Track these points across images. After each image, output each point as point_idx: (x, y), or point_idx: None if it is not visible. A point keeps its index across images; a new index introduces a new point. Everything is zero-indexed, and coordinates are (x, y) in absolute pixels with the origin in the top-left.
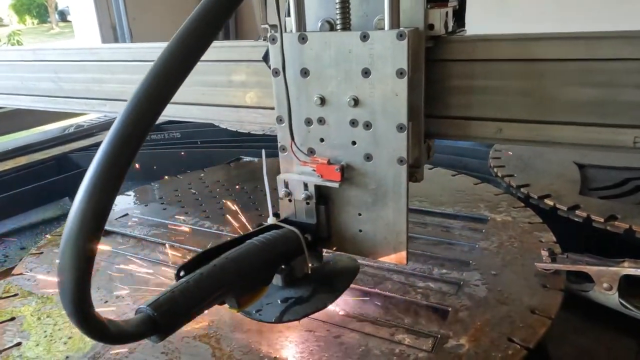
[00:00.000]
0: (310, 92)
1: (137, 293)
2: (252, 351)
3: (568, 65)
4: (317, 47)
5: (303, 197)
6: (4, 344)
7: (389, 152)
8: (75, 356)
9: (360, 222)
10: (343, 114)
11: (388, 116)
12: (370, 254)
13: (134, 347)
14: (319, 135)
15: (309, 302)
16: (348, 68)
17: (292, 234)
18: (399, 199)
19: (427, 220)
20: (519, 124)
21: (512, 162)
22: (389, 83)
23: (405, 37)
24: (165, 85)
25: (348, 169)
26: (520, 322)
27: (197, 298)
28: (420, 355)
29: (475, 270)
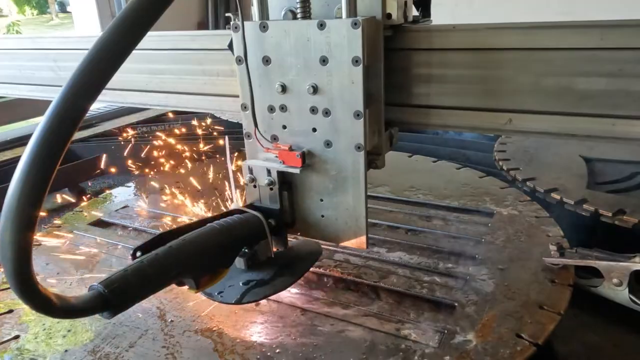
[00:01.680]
0: (272, 79)
1: None
2: (254, 346)
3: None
4: (277, 35)
5: (266, 183)
6: (2, 337)
7: (347, 138)
8: (74, 350)
9: (322, 208)
10: (303, 102)
11: (345, 103)
12: (333, 239)
13: (134, 342)
14: (281, 122)
15: (269, 285)
16: (307, 56)
17: (255, 218)
18: (357, 185)
19: (432, 214)
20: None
21: (518, 155)
22: (346, 71)
23: (359, 25)
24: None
25: (309, 156)
26: (528, 318)
27: (151, 278)
28: (426, 351)
29: (481, 264)
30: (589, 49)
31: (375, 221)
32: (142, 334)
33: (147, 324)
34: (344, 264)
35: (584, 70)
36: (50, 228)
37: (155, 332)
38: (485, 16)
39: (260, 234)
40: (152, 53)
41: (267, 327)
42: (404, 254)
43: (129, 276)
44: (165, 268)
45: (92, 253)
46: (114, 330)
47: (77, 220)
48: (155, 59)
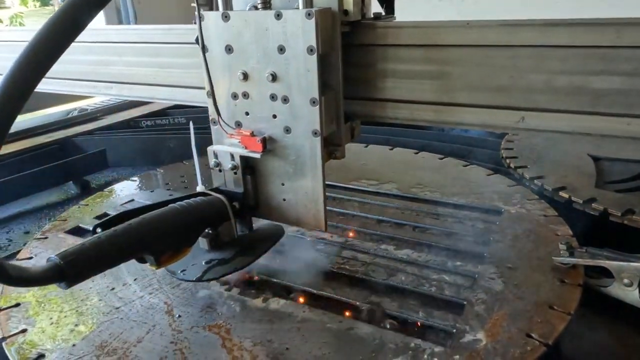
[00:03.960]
0: (234, 67)
1: (145, 280)
2: (263, 342)
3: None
4: (238, 24)
5: (230, 167)
6: (9, 330)
7: (304, 124)
8: (82, 344)
9: (284, 192)
10: (264, 89)
11: (302, 91)
12: (294, 221)
13: (142, 337)
14: (244, 109)
15: (229, 264)
16: (266, 45)
17: (218, 201)
18: (315, 169)
19: (440, 211)
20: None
21: (525, 154)
22: (301, 59)
23: (312, 15)
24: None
25: (270, 141)
26: (538, 318)
27: (108, 252)
28: (436, 350)
29: (490, 263)
30: (604, 47)
31: (383, 218)
32: (149, 329)
33: (155, 320)
34: (351, 261)
35: (599, 69)
36: (56, 222)
37: (163, 328)
38: (491, 12)
39: (223, 216)
40: (159, 47)
41: (275, 325)
42: (412, 252)
43: (86, 250)
44: (122, 244)
45: None
46: (121, 325)
47: (82, 214)
48: (162, 52)
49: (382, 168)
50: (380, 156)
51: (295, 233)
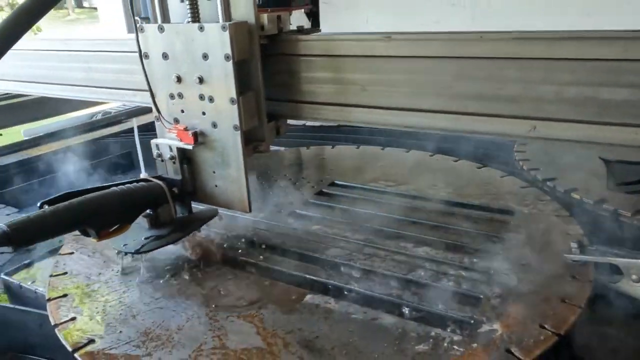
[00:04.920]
0: (170, 72)
1: (181, 274)
2: (293, 331)
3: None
4: (171, 35)
5: (169, 157)
6: (60, 318)
7: (227, 121)
8: (127, 330)
9: (215, 179)
10: (194, 90)
11: (223, 91)
12: (225, 205)
13: (182, 325)
14: (180, 107)
15: (163, 239)
16: (193, 53)
17: (157, 186)
18: (238, 159)
19: (455, 211)
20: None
21: (538, 156)
22: (221, 65)
23: (227, 29)
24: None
25: (201, 135)
26: (550, 310)
27: (51, 224)
28: (455, 339)
29: (504, 260)
30: (612, 59)
31: (401, 217)
32: (188, 319)
33: (193, 310)
34: (373, 257)
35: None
36: None
37: (201, 317)
38: (504, 16)
39: (163, 199)
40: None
41: (304, 315)
42: (430, 249)
43: (31, 221)
44: (64, 218)
45: None
46: (162, 314)
47: None
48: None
49: (399, 170)
50: (397, 158)
51: (317, 230)
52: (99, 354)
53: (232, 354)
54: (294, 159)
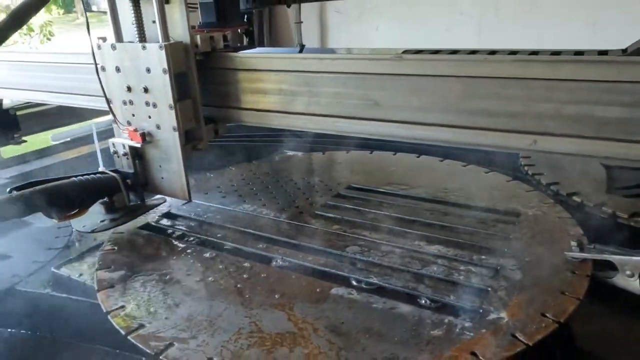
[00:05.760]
0: (122, 82)
1: (214, 267)
2: (320, 318)
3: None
4: (121, 53)
5: (123, 154)
6: (111, 307)
7: (168, 123)
8: (173, 317)
9: (162, 172)
10: (141, 98)
11: (163, 99)
12: (171, 194)
13: (220, 312)
14: (131, 112)
15: (114, 222)
16: (139, 67)
17: (112, 178)
18: (177, 155)
19: (464, 213)
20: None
21: (542, 162)
22: (160, 77)
23: (163, 48)
24: None
25: (149, 135)
26: (551, 301)
27: (18, 207)
28: (466, 325)
29: (510, 257)
30: (607, 81)
31: (414, 218)
32: (226, 307)
33: (229, 300)
34: (390, 254)
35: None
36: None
37: (237, 306)
38: (511, 26)
39: (117, 189)
40: None
41: (330, 304)
42: (442, 247)
43: (3, 202)
44: (29, 202)
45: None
46: (201, 303)
47: (146, 215)
48: None
49: (411, 174)
50: (408, 163)
51: (337, 230)
52: (150, 336)
53: (267, 337)
54: (310, 164)
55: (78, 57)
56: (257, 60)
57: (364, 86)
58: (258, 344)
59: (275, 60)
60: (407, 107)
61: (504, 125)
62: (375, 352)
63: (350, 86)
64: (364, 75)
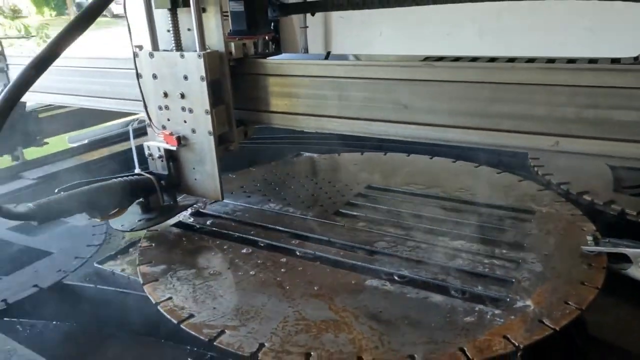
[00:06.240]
0: (159, 88)
1: (251, 262)
2: (359, 307)
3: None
4: (159, 61)
5: (158, 156)
6: (159, 298)
7: (203, 127)
8: (220, 307)
9: (195, 173)
10: (177, 103)
11: (199, 104)
12: (202, 195)
13: (265, 302)
14: (166, 116)
15: (150, 221)
16: (176, 74)
17: (148, 179)
18: (212, 158)
19: (482, 211)
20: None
21: (552, 163)
22: (197, 84)
23: (202, 57)
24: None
25: (184, 139)
26: (572, 291)
27: (66, 206)
28: (496, 312)
29: (530, 251)
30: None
31: (435, 216)
32: (269, 297)
33: (271, 291)
34: (416, 249)
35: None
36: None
37: (279, 297)
38: (510, 31)
39: (152, 190)
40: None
41: (366, 295)
42: (464, 242)
43: (51, 202)
44: (76, 201)
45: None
46: (245, 294)
47: None
48: None
49: (426, 175)
50: (422, 164)
51: (363, 227)
52: (201, 324)
53: (312, 325)
54: (327, 164)
55: (108, 62)
56: (292, 66)
57: (395, 91)
58: (304, 331)
59: (311, 67)
60: (437, 110)
61: (528, 128)
62: (414, 337)
63: (381, 91)
64: (396, 81)
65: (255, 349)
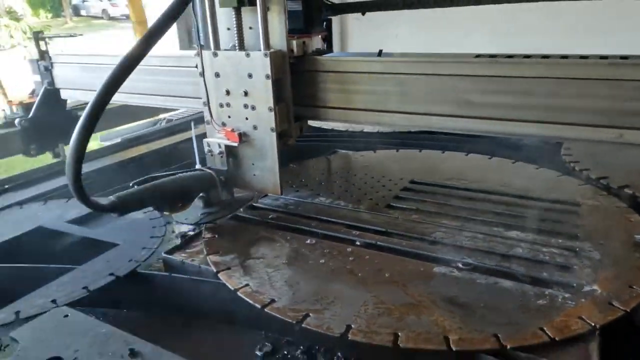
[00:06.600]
0: (220, 87)
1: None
2: (433, 292)
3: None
4: (222, 60)
5: (218, 152)
6: (237, 285)
7: (265, 124)
8: (299, 293)
9: (254, 169)
10: (239, 101)
11: (263, 102)
12: (260, 190)
13: (342, 289)
14: (227, 113)
15: (214, 215)
16: (240, 73)
17: (208, 174)
18: (273, 154)
19: (530, 203)
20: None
21: (586, 158)
22: (262, 82)
23: (268, 55)
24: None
25: (244, 135)
26: (632, 276)
27: (144, 198)
28: (566, 296)
29: (585, 240)
30: None
31: (485, 208)
32: (345, 284)
33: (344, 279)
34: (474, 239)
35: None
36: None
37: (354, 284)
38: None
39: (213, 185)
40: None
41: (437, 281)
42: (519, 233)
43: (131, 194)
44: (151, 194)
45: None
46: (320, 281)
47: None
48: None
49: (465, 170)
50: (459, 160)
51: (417, 219)
52: (285, 309)
53: (393, 309)
54: (366, 161)
55: (155, 60)
56: (355, 63)
57: (457, 87)
58: (387, 314)
59: (375, 64)
60: (499, 105)
61: (591, 121)
62: (493, 318)
63: (443, 86)
64: (459, 77)
65: (343, 330)
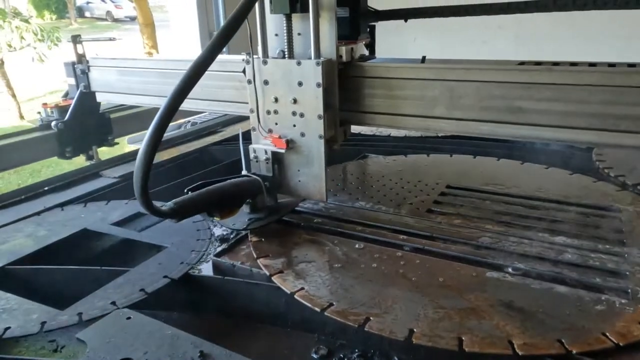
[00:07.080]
0: (269, 94)
1: (367, 256)
2: (489, 297)
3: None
4: (272, 67)
5: (264, 159)
6: (293, 288)
7: (314, 131)
8: (355, 296)
9: (300, 175)
10: (288, 108)
11: (312, 110)
12: (305, 196)
13: (396, 293)
14: (274, 120)
15: (261, 220)
16: (290, 81)
17: (255, 180)
18: (320, 160)
19: (570, 209)
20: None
21: (620, 165)
22: (312, 90)
23: (320, 64)
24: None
25: (291, 142)
26: None
27: (196, 205)
28: (622, 301)
29: (631, 246)
30: None
31: (526, 214)
32: (400, 288)
33: (399, 283)
34: (520, 244)
35: None
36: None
37: (410, 287)
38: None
39: (259, 191)
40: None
41: (492, 286)
42: (565, 239)
43: (187, 200)
44: (207, 200)
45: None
46: (376, 285)
47: None
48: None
49: (499, 175)
50: (492, 166)
51: (460, 224)
52: (345, 312)
53: (452, 313)
54: (399, 166)
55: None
56: (403, 70)
57: (508, 94)
58: (447, 318)
59: (423, 71)
60: (552, 112)
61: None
62: (553, 323)
63: (493, 93)
64: (510, 84)
65: (407, 334)
